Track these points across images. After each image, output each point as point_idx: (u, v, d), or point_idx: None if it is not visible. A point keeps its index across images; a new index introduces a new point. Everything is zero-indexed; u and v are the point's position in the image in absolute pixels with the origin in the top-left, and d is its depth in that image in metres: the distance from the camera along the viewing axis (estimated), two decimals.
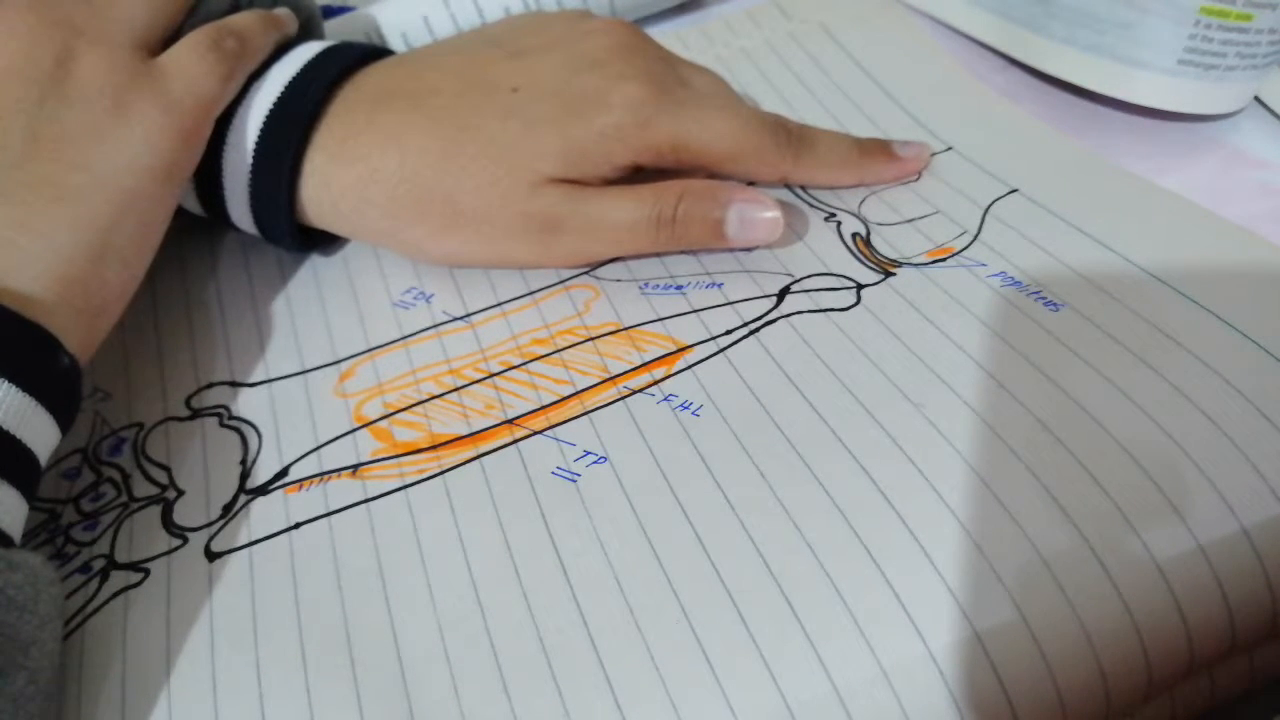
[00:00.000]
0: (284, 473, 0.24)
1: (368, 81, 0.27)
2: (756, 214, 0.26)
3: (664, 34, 0.38)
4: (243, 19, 0.27)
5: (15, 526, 0.20)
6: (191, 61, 0.25)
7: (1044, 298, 0.24)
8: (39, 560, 0.19)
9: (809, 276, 0.26)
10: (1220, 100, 0.30)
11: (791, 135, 0.28)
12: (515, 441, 0.23)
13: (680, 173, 0.28)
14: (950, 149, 0.30)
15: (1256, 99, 0.32)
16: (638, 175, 0.28)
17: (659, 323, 0.26)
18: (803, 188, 0.29)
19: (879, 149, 0.29)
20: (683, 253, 0.28)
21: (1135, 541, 0.19)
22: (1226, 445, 0.20)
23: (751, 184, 0.29)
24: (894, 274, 0.26)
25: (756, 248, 0.27)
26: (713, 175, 0.28)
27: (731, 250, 0.28)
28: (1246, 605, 0.19)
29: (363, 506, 0.23)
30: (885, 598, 0.19)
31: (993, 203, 0.27)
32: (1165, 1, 0.28)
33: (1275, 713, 0.21)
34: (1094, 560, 0.19)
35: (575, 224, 0.26)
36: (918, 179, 0.29)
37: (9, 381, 0.19)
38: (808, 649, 0.18)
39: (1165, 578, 0.19)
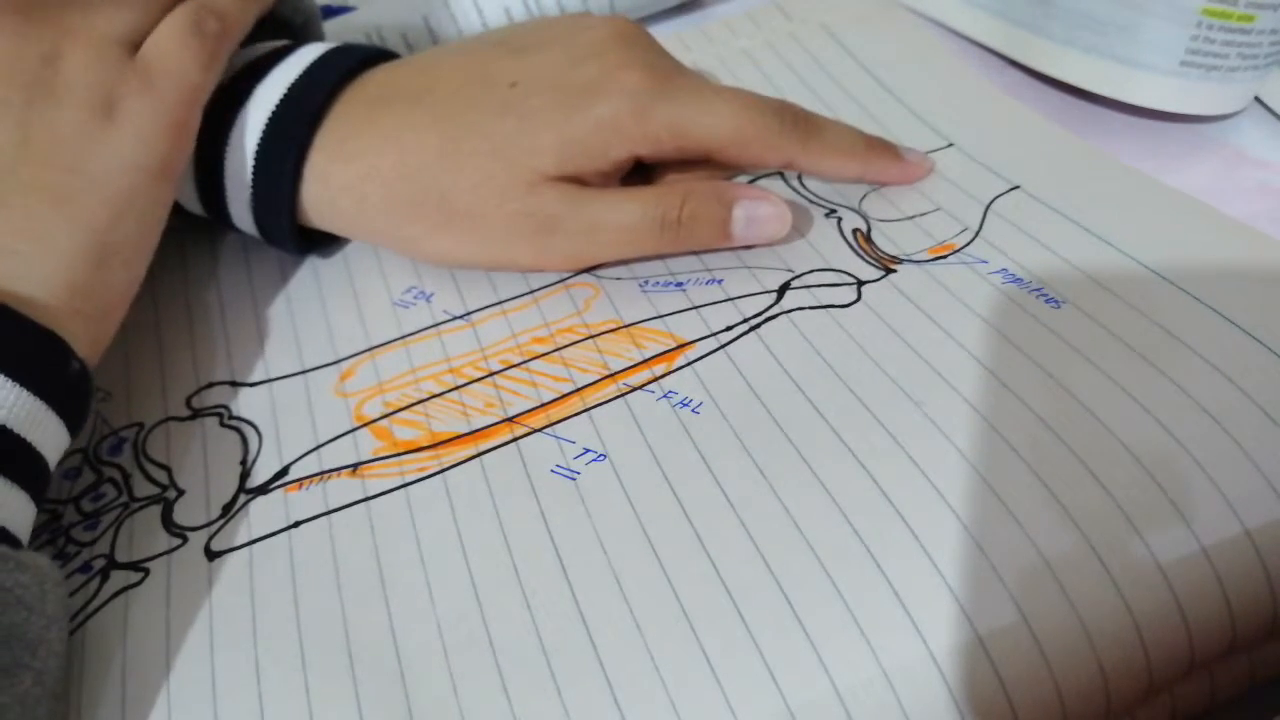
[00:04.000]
0: (284, 472, 0.24)
1: (370, 83, 0.27)
2: (763, 211, 0.26)
3: (664, 34, 0.38)
4: None
5: (24, 529, 0.20)
6: (175, 51, 0.24)
7: (1045, 294, 0.24)
8: (46, 561, 0.19)
9: (810, 272, 0.26)
10: (1222, 101, 0.29)
11: (798, 118, 0.27)
12: (515, 440, 0.23)
13: (682, 171, 0.28)
14: (952, 145, 0.30)
15: (1257, 99, 0.32)
16: (639, 176, 0.28)
17: (659, 320, 0.26)
18: (801, 181, 0.29)
19: (885, 146, 0.29)
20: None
21: (1138, 543, 0.19)
22: (1230, 445, 0.20)
23: (752, 182, 0.29)
24: (895, 271, 0.26)
25: (762, 245, 0.27)
26: (714, 166, 0.28)
27: (734, 249, 0.28)
28: (1248, 606, 0.19)
29: (362, 505, 0.23)
30: (886, 598, 0.19)
31: (994, 199, 0.27)
32: (1166, 3, 0.28)
33: (1275, 712, 0.21)
34: (1096, 562, 0.19)
35: (574, 225, 0.26)
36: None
37: (21, 386, 0.19)
38: (808, 649, 0.18)
39: (1167, 579, 0.19)
